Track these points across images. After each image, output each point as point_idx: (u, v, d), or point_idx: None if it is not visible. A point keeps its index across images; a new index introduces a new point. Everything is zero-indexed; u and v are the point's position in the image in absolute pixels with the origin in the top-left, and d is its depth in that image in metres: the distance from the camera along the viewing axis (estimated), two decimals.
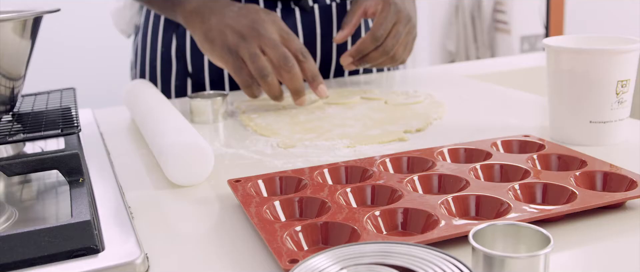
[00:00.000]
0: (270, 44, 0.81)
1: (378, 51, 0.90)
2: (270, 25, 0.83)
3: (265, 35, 0.82)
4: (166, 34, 1.03)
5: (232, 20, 0.84)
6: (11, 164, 0.54)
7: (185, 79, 1.03)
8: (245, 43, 0.82)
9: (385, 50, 0.90)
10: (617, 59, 0.63)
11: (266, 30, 0.82)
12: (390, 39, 0.90)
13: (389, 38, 0.90)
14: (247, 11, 0.85)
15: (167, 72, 1.04)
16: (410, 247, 0.35)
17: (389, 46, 0.90)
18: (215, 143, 0.74)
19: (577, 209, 0.47)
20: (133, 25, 2.28)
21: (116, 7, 2.22)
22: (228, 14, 0.85)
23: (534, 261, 0.36)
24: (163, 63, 1.04)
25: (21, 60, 0.62)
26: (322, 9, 1.02)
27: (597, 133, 0.66)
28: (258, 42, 0.81)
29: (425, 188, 0.54)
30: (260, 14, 0.84)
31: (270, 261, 0.45)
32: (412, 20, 0.93)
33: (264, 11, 0.85)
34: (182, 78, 1.03)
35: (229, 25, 0.84)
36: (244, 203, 0.51)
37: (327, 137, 0.73)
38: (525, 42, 3.34)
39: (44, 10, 0.61)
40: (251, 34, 0.82)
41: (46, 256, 0.42)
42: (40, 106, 0.72)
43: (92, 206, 0.50)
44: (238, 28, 0.83)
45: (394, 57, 0.92)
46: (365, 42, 0.90)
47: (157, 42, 1.04)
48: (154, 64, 1.05)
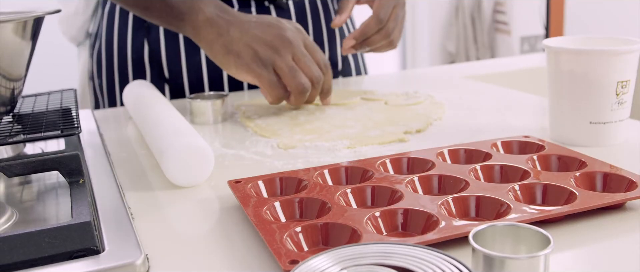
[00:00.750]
0: (303, 57, 0.79)
1: (380, 34, 0.90)
2: (296, 34, 0.80)
3: (297, 47, 0.79)
4: (136, 40, 0.99)
5: (259, 32, 0.80)
6: (11, 165, 0.54)
7: (161, 84, 0.99)
8: (280, 57, 0.78)
9: (387, 33, 0.91)
10: (617, 60, 0.63)
11: (296, 41, 0.80)
12: (392, 22, 0.90)
13: (390, 21, 0.90)
14: (268, 21, 0.81)
15: (141, 78, 1.00)
16: (410, 248, 0.35)
17: (390, 29, 0.91)
18: (216, 144, 0.74)
19: (577, 210, 0.48)
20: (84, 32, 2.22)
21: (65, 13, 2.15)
22: (249, 25, 0.80)
23: (533, 261, 0.36)
24: (135, 69, 1.00)
25: (22, 61, 0.62)
26: (297, 5, 1.01)
27: (597, 134, 0.66)
28: (292, 55, 0.79)
29: (425, 189, 0.54)
30: (282, 23, 0.81)
31: (270, 262, 0.45)
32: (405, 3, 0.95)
33: (285, 20, 0.82)
34: (158, 83, 0.99)
35: (257, 37, 0.79)
36: (244, 204, 0.51)
37: (327, 138, 0.73)
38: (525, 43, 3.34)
39: (45, 12, 0.61)
40: (283, 46, 0.79)
41: (46, 257, 0.42)
42: (41, 107, 0.72)
43: (93, 206, 0.50)
44: (269, 39, 0.79)
45: (392, 41, 0.92)
46: (369, 25, 0.89)
47: (126, 48, 1.00)
48: (124, 71, 1.01)
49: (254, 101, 0.92)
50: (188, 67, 0.98)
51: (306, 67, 0.79)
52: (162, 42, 0.98)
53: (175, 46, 0.98)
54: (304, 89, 0.79)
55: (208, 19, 0.81)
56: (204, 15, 0.81)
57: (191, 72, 0.98)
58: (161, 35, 0.98)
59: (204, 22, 0.81)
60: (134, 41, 0.99)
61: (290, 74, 0.78)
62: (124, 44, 1.00)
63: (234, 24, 0.80)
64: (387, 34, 0.91)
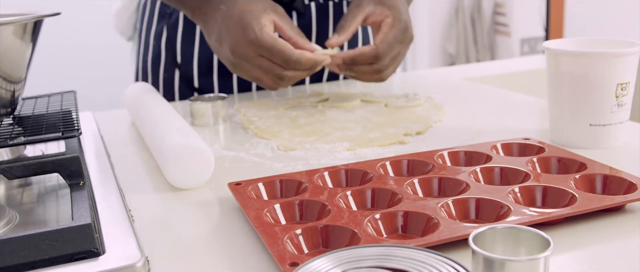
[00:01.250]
0: (260, 70, 0.81)
1: (371, 67, 0.85)
2: (247, 48, 0.79)
3: (250, 64, 0.80)
4: (159, 26, 1.03)
5: (216, 48, 0.84)
6: (12, 167, 0.54)
7: (172, 71, 1.02)
8: (242, 71, 0.82)
9: (379, 69, 0.85)
10: (617, 62, 0.63)
11: (248, 59, 0.80)
12: (388, 59, 0.84)
13: (386, 57, 0.84)
14: (221, 36, 0.81)
15: (156, 65, 1.03)
16: (410, 250, 0.35)
17: (384, 66, 0.85)
18: (216, 146, 0.74)
19: (577, 212, 0.48)
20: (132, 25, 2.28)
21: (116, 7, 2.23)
22: (212, 35, 0.83)
23: (533, 264, 0.36)
24: (154, 56, 1.03)
25: (22, 64, 0.62)
26: (319, 8, 1.01)
27: (597, 136, 0.66)
28: (251, 67, 0.81)
29: (425, 191, 0.54)
30: (237, 35, 0.79)
31: (270, 264, 0.45)
32: (411, 43, 0.88)
33: (240, 26, 0.79)
34: (170, 70, 1.02)
35: (218, 52, 0.84)
36: (245, 206, 0.51)
37: (328, 140, 0.73)
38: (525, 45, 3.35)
39: (45, 14, 0.61)
40: (238, 66, 0.81)
41: (47, 259, 0.42)
42: (41, 109, 0.72)
43: (93, 209, 0.50)
44: (226, 58, 0.82)
45: (382, 78, 0.87)
46: (364, 54, 0.83)
47: (150, 36, 1.04)
48: (145, 58, 1.05)
49: (255, 103, 0.92)
50: (199, 54, 1.00)
51: (266, 78, 0.81)
52: (180, 27, 1.00)
53: (191, 32, 1.00)
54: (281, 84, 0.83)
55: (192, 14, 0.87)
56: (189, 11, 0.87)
57: (202, 59, 1.00)
58: (180, 21, 1.00)
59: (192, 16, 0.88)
60: (157, 28, 1.03)
61: (255, 82, 0.83)
62: (149, 32, 1.04)
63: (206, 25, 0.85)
64: (379, 70, 0.85)
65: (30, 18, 0.60)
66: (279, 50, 0.78)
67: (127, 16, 2.13)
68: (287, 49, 0.78)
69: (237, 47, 0.79)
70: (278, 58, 0.78)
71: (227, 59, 0.82)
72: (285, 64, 0.79)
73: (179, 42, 1.00)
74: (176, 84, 1.02)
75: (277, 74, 0.80)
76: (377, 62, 0.84)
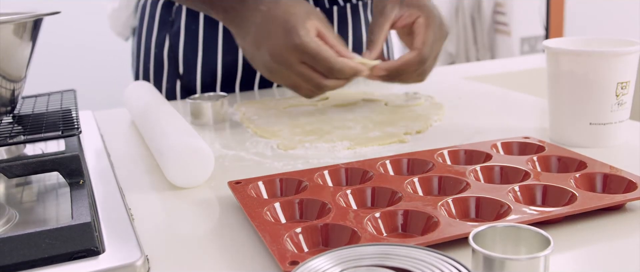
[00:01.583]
0: (299, 78, 0.75)
1: (417, 72, 0.80)
2: (290, 52, 0.73)
3: (292, 68, 0.74)
4: (160, 34, 1.01)
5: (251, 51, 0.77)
6: (12, 166, 0.54)
7: (174, 81, 1.01)
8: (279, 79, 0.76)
9: (424, 71, 0.80)
10: (617, 61, 0.63)
11: (289, 64, 0.73)
12: (431, 60, 0.80)
13: (430, 59, 0.79)
14: (266, 36, 0.75)
15: (159, 74, 1.02)
16: (410, 249, 0.35)
17: (428, 68, 0.80)
18: (216, 145, 0.74)
19: (577, 211, 0.48)
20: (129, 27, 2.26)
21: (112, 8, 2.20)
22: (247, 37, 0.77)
23: (533, 262, 0.36)
24: (156, 65, 1.02)
25: (21, 63, 0.62)
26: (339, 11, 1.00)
27: (597, 135, 0.66)
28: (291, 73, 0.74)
29: (425, 190, 0.54)
30: (279, 39, 0.73)
31: (270, 263, 0.45)
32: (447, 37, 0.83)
33: (283, 29, 0.73)
34: (172, 80, 1.01)
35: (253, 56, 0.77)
36: (244, 205, 0.51)
37: (327, 139, 0.73)
38: (525, 44, 3.34)
39: (44, 13, 0.61)
40: (277, 73, 0.75)
41: (47, 258, 0.42)
42: (41, 108, 0.72)
43: (93, 207, 0.50)
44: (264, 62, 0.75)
45: (423, 78, 0.82)
46: (410, 62, 0.78)
47: (150, 43, 1.03)
48: (147, 66, 1.04)
49: (254, 102, 0.92)
50: (203, 65, 0.99)
51: (305, 87, 0.76)
52: (182, 37, 0.99)
53: (194, 42, 0.99)
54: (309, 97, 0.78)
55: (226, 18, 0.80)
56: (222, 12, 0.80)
57: (205, 70, 0.99)
58: (182, 29, 0.98)
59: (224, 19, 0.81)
60: (159, 36, 1.01)
61: (292, 90, 0.77)
62: (150, 38, 1.02)
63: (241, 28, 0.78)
64: (423, 73, 0.81)
65: (30, 17, 0.60)
66: (324, 57, 0.73)
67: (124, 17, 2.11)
68: (332, 57, 0.73)
69: (279, 51, 0.73)
70: (321, 66, 0.73)
71: (263, 64, 0.76)
72: (327, 73, 0.74)
73: (181, 53, 0.99)
74: (178, 95, 1.02)
75: (317, 83, 0.75)
76: (421, 66, 0.79)
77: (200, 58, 0.98)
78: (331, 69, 0.73)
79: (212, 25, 0.97)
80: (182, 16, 0.98)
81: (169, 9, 1.00)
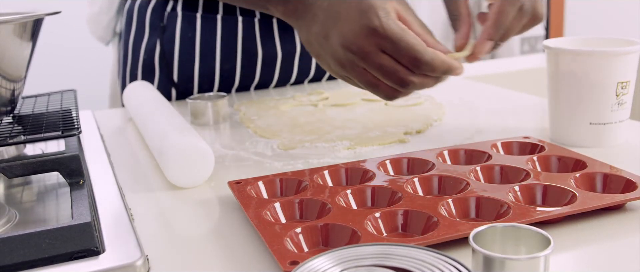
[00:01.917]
0: (377, 72, 0.60)
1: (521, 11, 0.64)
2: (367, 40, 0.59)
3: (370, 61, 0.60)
4: (150, 40, 0.97)
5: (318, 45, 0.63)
6: (12, 166, 0.54)
7: (168, 88, 0.98)
8: (352, 73, 0.62)
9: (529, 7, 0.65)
10: (617, 61, 0.63)
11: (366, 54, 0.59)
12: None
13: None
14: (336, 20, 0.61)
15: (149, 80, 0.98)
16: (411, 249, 0.35)
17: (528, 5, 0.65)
18: (216, 145, 0.74)
19: (577, 211, 0.48)
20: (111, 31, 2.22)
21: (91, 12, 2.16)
22: (313, 27, 0.63)
23: (533, 262, 0.36)
24: (145, 70, 0.98)
25: (22, 63, 0.62)
26: None
27: (597, 135, 0.66)
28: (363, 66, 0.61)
29: (425, 190, 0.54)
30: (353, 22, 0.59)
31: (270, 263, 0.45)
32: None
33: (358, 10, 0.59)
34: (165, 87, 0.97)
35: (320, 51, 0.63)
36: (244, 205, 0.51)
37: (327, 139, 0.73)
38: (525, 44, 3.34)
39: (45, 13, 0.61)
40: (350, 65, 0.61)
41: (46, 258, 0.42)
42: (41, 108, 0.72)
43: (93, 207, 0.50)
44: (333, 52, 0.61)
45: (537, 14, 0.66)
46: (504, 11, 0.64)
47: (139, 49, 0.99)
48: (134, 72, 1.00)
49: (255, 102, 0.92)
50: (200, 73, 0.96)
51: (387, 81, 0.61)
52: (177, 44, 0.96)
53: (190, 49, 0.96)
54: (391, 98, 0.64)
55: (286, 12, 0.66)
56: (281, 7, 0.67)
57: (203, 78, 0.97)
58: (176, 36, 0.95)
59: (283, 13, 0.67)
60: (149, 41, 0.98)
61: (369, 89, 0.63)
62: (139, 44, 0.99)
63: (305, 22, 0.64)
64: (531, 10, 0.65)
65: (30, 17, 0.60)
66: (409, 44, 0.58)
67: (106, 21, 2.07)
68: (420, 45, 0.59)
69: (353, 37, 0.59)
70: (406, 56, 0.59)
71: (334, 57, 0.61)
72: (413, 66, 0.59)
73: (176, 60, 0.96)
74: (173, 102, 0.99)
75: (401, 78, 0.60)
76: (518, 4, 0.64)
77: (197, 66, 0.96)
78: (418, 61, 0.59)
79: (209, 33, 0.95)
80: (177, 22, 0.95)
81: (160, 14, 0.97)
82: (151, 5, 0.98)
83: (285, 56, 0.99)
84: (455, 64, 0.61)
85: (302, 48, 1.00)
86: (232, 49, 0.96)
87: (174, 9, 0.96)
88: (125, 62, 1.03)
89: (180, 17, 0.95)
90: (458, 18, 0.67)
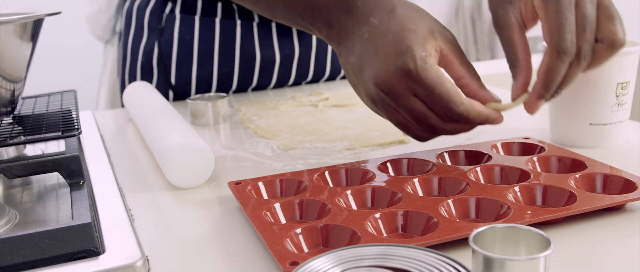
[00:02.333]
0: (408, 115, 0.57)
1: (579, 58, 0.56)
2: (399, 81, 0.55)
3: (398, 102, 0.56)
4: (149, 41, 0.97)
5: (353, 74, 0.60)
6: (12, 167, 0.54)
7: (166, 90, 0.98)
8: (385, 111, 0.59)
9: (586, 54, 0.56)
10: (616, 62, 0.63)
11: (398, 94, 0.56)
12: (583, 34, 0.56)
13: (580, 38, 0.56)
14: (372, 56, 0.57)
15: (147, 81, 0.98)
16: (410, 249, 0.35)
17: (587, 48, 0.56)
18: (216, 145, 0.74)
19: (577, 212, 0.48)
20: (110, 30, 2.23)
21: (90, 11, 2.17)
22: (350, 57, 0.59)
23: (533, 263, 0.36)
24: (143, 73, 0.98)
25: (22, 63, 0.62)
26: None
27: (597, 135, 0.66)
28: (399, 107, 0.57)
29: (425, 190, 0.54)
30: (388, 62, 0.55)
31: (270, 263, 0.45)
32: None
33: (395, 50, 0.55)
34: (163, 89, 0.97)
35: (354, 80, 0.60)
36: (244, 205, 0.51)
37: (327, 140, 0.73)
38: None
39: (45, 13, 0.61)
40: (381, 98, 0.57)
41: (47, 259, 0.42)
42: (41, 109, 0.72)
43: (93, 208, 0.50)
44: (364, 89, 0.59)
45: (614, 41, 0.57)
46: (550, 64, 0.56)
47: (138, 50, 0.99)
48: (133, 73, 1.00)
49: (254, 102, 0.92)
50: (198, 77, 0.96)
51: (418, 126, 0.58)
52: (175, 47, 0.95)
53: (188, 53, 0.96)
54: (421, 140, 0.60)
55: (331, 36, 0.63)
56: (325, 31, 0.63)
57: (200, 82, 0.97)
58: (174, 39, 0.95)
59: (327, 37, 0.63)
60: (147, 43, 0.98)
61: (400, 128, 0.60)
62: (138, 45, 0.99)
63: (346, 48, 0.61)
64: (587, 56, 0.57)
65: (30, 17, 0.60)
66: (444, 93, 0.54)
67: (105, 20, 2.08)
68: (455, 96, 0.55)
69: (385, 77, 0.55)
70: (438, 104, 0.55)
71: (366, 92, 0.58)
72: (445, 116, 0.56)
73: (174, 63, 0.96)
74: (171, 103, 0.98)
75: (431, 125, 0.57)
76: (569, 59, 0.56)
77: (194, 69, 0.96)
78: (451, 111, 0.55)
79: (208, 36, 0.95)
80: (175, 25, 0.95)
81: (159, 16, 0.97)
82: (150, 7, 0.98)
83: (284, 60, 0.99)
84: (492, 115, 0.58)
85: (301, 52, 1.00)
86: (230, 53, 0.96)
87: (172, 11, 0.96)
88: (124, 62, 1.03)
89: (178, 19, 0.95)
90: (516, 64, 0.60)
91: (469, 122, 0.57)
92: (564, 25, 0.55)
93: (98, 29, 2.09)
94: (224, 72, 0.97)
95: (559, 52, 0.55)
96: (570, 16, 0.55)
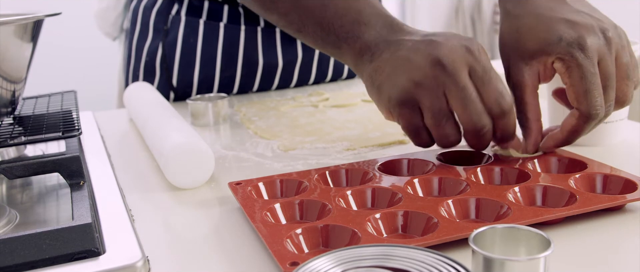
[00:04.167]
0: (460, 97, 0.55)
1: (599, 121, 0.58)
2: (459, 61, 0.56)
3: (454, 81, 0.55)
4: (153, 42, 0.98)
5: (407, 58, 0.58)
6: (12, 167, 0.54)
7: (166, 92, 0.98)
8: (426, 97, 0.56)
9: (608, 113, 0.58)
10: None
11: (455, 72, 0.55)
12: (607, 97, 0.57)
13: (606, 94, 0.57)
14: (429, 40, 0.57)
15: (149, 81, 0.98)
16: (410, 250, 0.35)
17: (609, 108, 0.58)
18: (216, 146, 0.74)
19: (577, 212, 0.48)
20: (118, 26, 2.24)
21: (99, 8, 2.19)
22: (403, 47, 0.58)
23: (533, 263, 0.36)
24: (146, 72, 0.99)
25: (22, 64, 0.62)
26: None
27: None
28: (443, 88, 0.55)
29: (425, 191, 0.54)
30: (445, 44, 0.56)
31: (270, 264, 0.45)
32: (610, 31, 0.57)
33: (455, 37, 0.58)
34: (164, 90, 0.98)
35: (401, 67, 0.58)
36: (245, 206, 0.51)
37: (328, 140, 0.73)
38: None
39: (45, 14, 0.61)
40: (433, 82, 0.56)
41: (47, 259, 0.42)
42: (42, 109, 0.72)
43: (93, 208, 0.50)
44: (415, 70, 0.56)
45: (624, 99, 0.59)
46: (578, 127, 0.57)
47: (142, 49, 0.99)
48: (137, 72, 1.01)
49: (255, 103, 0.93)
50: (200, 79, 0.96)
51: (463, 112, 0.56)
52: (178, 49, 0.96)
53: (191, 55, 0.96)
54: (450, 142, 0.58)
55: (364, 46, 0.62)
56: (361, 41, 0.62)
57: (202, 85, 0.97)
58: (178, 41, 0.95)
59: (360, 50, 0.62)
60: (152, 43, 0.98)
61: (434, 122, 0.57)
62: (142, 45, 0.99)
63: (389, 47, 0.60)
64: (609, 111, 0.58)
65: (30, 18, 0.60)
66: (498, 78, 0.56)
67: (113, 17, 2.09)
68: (506, 87, 0.57)
69: (449, 52, 0.55)
70: (492, 87, 0.56)
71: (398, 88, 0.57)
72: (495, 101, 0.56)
73: (177, 64, 0.96)
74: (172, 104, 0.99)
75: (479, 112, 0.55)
76: (595, 122, 0.58)
77: (196, 71, 0.96)
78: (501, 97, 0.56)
79: (212, 39, 0.95)
80: (180, 27, 0.96)
81: (164, 17, 0.97)
82: (156, 8, 0.98)
83: (286, 65, 0.99)
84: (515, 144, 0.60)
85: (303, 57, 1.00)
86: (233, 57, 0.96)
87: (178, 13, 0.96)
88: (129, 62, 1.03)
89: (183, 22, 0.96)
90: (527, 125, 0.60)
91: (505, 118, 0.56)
92: (591, 91, 0.55)
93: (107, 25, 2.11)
94: (225, 75, 0.97)
95: (588, 117, 0.56)
96: (596, 80, 0.55)
